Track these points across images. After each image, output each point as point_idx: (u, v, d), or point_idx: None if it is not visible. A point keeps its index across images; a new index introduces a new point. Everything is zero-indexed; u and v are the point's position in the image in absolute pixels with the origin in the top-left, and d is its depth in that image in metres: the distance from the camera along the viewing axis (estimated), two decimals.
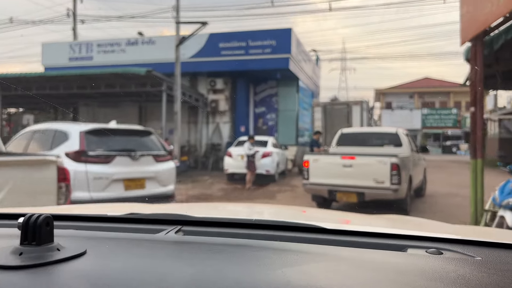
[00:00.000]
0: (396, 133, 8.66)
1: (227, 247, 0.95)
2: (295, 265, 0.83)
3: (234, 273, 0.78)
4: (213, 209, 1.98)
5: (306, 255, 0.91)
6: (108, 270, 0.78)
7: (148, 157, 6.19)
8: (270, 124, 19.78)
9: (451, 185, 12.94)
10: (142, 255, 0.89)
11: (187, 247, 0.97)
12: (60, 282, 0.69)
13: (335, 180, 7.39)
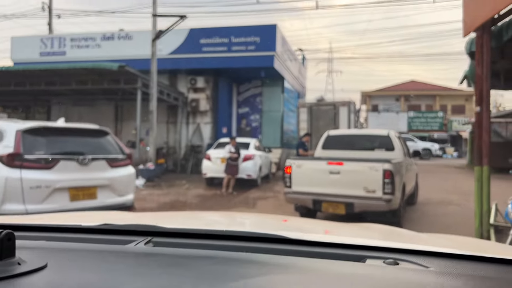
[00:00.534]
0: (388, 135, 7.87)
1: (194, 259, 0.98)
2: (256, 276, 0.87)
3: (196, 285, 0.80)
4: (188, 219, 1.94)
5: (269, 266, 0.94)
6: (67, 284, 0.79)
7: (101, 162, 5.25)
8: (254, 126, 18.93)
9: (443, 191, 12.27)
10: (105, 268, 0.90)
11: (155, 258, 0.99)
12: None
13: (320, 189, 6.53)
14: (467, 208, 9.31)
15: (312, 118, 14.85)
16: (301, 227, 1.84)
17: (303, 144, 10.90)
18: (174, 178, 14.22)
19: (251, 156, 12.15)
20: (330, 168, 6.59)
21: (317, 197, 6.56)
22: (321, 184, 6.57)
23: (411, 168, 8.70)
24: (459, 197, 10.96)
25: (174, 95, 16.27)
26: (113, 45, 17.39)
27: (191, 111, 17.12)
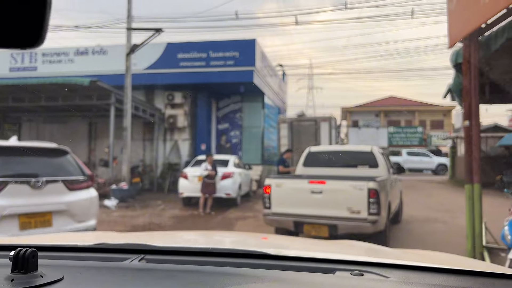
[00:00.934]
0: (371, 151, 7.52)
1: (184, 273, 1.12)
2: (239, 286, 0.98)
3: None
4: (177, 238, 2.19)
5: (250, 278, 1.07)
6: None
7: (57, 184, 4.70)
8: (234, 142, 18.47)
9: (427, 208, 11.99)
10: (110, 281, 1.06)
11: (149, 273, 1.12)
12: None
13: (302, 210, 6.09)
14: (454, 225, 9.02)
15: (293, 134, 14.52)
16: (280, 244, 2.02)
17: (284, 160, 10.47)
18: (149, 198, 13.57)
19: (230, 174, 11.66)
20: (311, 187, 6.17)
21: (298, 219, 6.11)
22: (302, 204, 6.14)
23: (396, 185, 8.36)
24: (444, 214, 10.69)
25: (150, 111, 15.72)
26: (87, 60, 16.81)
27: (168, 127, 16.56)
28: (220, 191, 11.19)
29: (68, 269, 1.09)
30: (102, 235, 1.78)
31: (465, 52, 4.92)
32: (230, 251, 1.45)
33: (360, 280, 1.10)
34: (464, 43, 4.94)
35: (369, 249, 1.89)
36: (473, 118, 4.81)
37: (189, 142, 16.73)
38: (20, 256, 0.95)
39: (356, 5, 62.47)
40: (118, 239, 1.66)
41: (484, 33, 4.93)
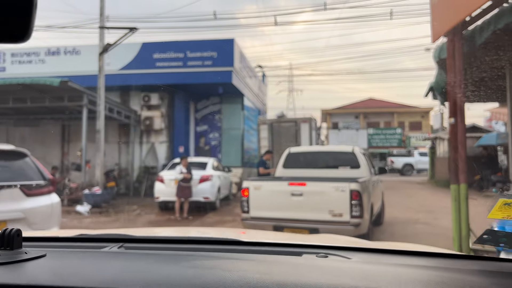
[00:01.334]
0: (353, 152, 7.29)
1: (160, 257, 1.19)
2: (212, 267, 1.07)
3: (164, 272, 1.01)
4: (153, 231, 2.43)
5: (222, 260, 1.16)
6: (64, 267, 1.07)
7: (13, 190, 4.27)
8: (213, 144, 18.07)
9: (408, 209, 11.89)
10: (89, 262, 1.14)
11: (126, 257, 1.23)
12: (26, 273, 0.97)
13: (281, 213, 5.80)
14: (437, 227, 8.89)
15: (273, 135, 14.26)
16: (255, 235, 2.21)
17: (264, 162, 10.17)
18: (125, 203, 13.06)
19: (208, 176, 11.29)
20: (291, 190, 5.88)
21: (278, 223, 5.81)
22: (282, 207, 5.84)
23: (378, 186, 8.17)
24: (425, 215, 10.57)
25: (125, 113, 15.20)
26: (59, 60, 16.16)
27: (144, 129, 16.05)
28: (198, 195, 10.81)
29: (51, 251, 1.16)
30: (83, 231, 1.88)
31: (449, 47, 4.71)
32: (206, 239, 1.52)
33: (324, 261, 1.22)
34: (448, 38, 4.74)
35: (347, 240, 1.97)
36: (458, 115, 4.60)
37: (166, 144, 16.26)
38: (6, 234, 1.04)
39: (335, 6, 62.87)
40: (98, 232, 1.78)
41: (469, 27, 4.74)
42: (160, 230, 3.02)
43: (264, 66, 26.07)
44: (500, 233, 1.18)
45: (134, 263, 1.12)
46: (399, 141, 41.22)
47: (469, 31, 4.69)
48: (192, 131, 17.77)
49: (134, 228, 5.50)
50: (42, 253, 1.09)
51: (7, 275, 0.93)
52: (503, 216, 1.19)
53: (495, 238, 1.17)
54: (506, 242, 1.15)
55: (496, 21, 4.08)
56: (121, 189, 15.76)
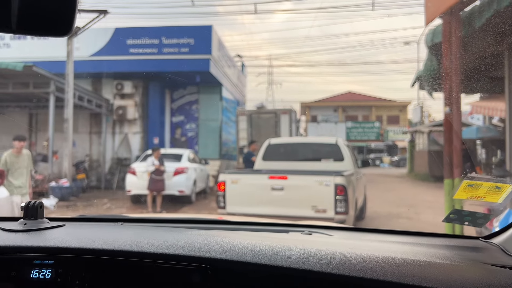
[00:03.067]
0: (336, 143, 6.89)
1: (157, 229, 1.35)
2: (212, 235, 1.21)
3: (170, 237, 1.14)
4: None
5: (214, 232, 1.32)
6: (82, 234, 1.21)
7: None
8: (189, 135, 17.45)
9: (389, 203, 11.66)
10: (104, 230, 1.31)
11: (127, 229, 1.36)
12: (48, 238, 1.11)
13: (261, 209, 5.34)
14: (419, 221, 8.65)
15: (252, 126, 13.80)
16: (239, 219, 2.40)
17: (252, 154, 9.50)
18: (95, 196, 12.39)
19: (183, 169, 10.74)
20: (272, 183, 5.43)
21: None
22: (261, 203, 5.39)
23: (361, 180, 7.82)
24: (406, 209, 10.34)
25: (97, 102, 14.42)
26: (26, 45, 15.18)
27: (117, 119, 15.29)
28: (172, 188, 10.27)
29: (67, 223, 1.33)
30: None
31: (445, 29, 4.32)
32: (198, 219, 1.74)
33: (309, 237, 1.40)
34: (444, 19, 4.35)
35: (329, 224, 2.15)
36: (454, 104, 4.23)
37: (140, 135, 15.57)
38: (30, 206, 1.23)
39: None
40: None
41: (466, 8, 4.35)
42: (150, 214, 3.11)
43: (243, 56, 25.48)
44: (465, 212, 1.32)
45: (142, 232, 1.24)
46: (377, 135, 41.46)
47: (466, 12, 4.31)
48: (168, 121, 17.11)
49: None
50: (62, 224, 1.24)
51: (34, 239, 1.09)
52: (467, 197, 1.29)
53: (460, 217, 1.31)
54: (470, 221, 1.31)
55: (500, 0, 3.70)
56: (92, 181, 15.02)
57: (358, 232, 1.55)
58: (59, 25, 0.81)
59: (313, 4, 62.80)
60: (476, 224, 1.29)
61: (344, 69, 54.11)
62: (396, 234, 1.46)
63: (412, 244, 1.27)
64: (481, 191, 1.24)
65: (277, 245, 1.07)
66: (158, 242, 1.06)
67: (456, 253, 1.16)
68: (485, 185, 1.24)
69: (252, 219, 2.16)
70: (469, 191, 1.26)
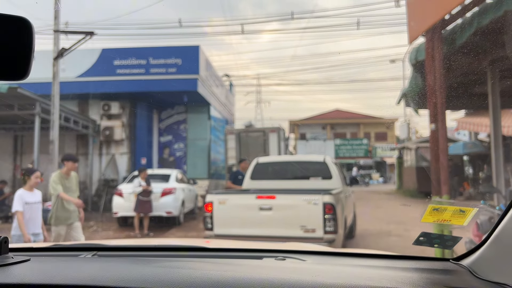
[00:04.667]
0: (324, 161, 6.87)
1: (132, 264, 1.27)
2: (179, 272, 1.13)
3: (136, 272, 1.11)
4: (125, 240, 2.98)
5: (189, 264, 1.28)
6: (47, 269, 1.17)
7: None
8: (178, 155, 17.34)
9: (379, 220, 11.62)
10: (70, 263, 1.25)
11: (99, 263, 1.31)
12: (12, 274, 1.06)
13: (249, 230, 5.25)
14: (410, 239, 8.55)
15: (240, 145, 13.75)
16: (220, 244, 2.49)
17: (241, 173, 8.91)
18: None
19: (171, 190, 10.60)
20: (260, 203, 5.36)
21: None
22: (249, 224, 5.30)
23: (350, 198, 7.79)
24: (397, 226, 10.31)
25: (83, 123, 14.27)
26: None
27: (104, 140, 15.13)
28: (160, 209, 10.11)
29: (33, 257, 1.25)
30: None
31: (428, 47, 4.37)
32: (173, 246, 1.74)
33: (282, 263, 1.39)
34: (427, 37, 4.40)
35: (304, 246, 2.13)
36: (439, 120, 4.24)
37: (127, 156, 15.40)
38: None
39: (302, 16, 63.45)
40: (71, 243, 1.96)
41: (447, 26, 4.42)
42: (128, 241, 3.22)
43: (231, 76, 25.62)
44: (434, 235, 1.30)
45: (108, 266, 1.21)
46: (366, 152, 41.70)
47: (448, 30, 4.37)
48: (156, 141, 16.99)
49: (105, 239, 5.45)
50: (27, 258, 1.19)
51: None
52: (433, 220, 1.29)
53: (429, 240, 1.30)
54: (439, 243, 1.29)
55: (480, 17, 3.75)
56: None
57: (333, 257, 1.54)
58: (16, 70, 0.85)
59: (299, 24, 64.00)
60: (446, 247, 1.28)
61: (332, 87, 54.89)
62: (369, 258, 1.46)
63: (383, 268, 1.28)
64: (446, 215, 1.26)
65: (241, 275, 1.07)
66: (121, 275, 1.06)
67: (424, 277, 1.17)
68: (449, 209, 1.26)
69: (233, 244, 2.15)
70: (435, 214, 1.27)
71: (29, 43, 0.85)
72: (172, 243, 2.20)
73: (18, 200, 4.77)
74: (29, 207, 4.82)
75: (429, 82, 4.36)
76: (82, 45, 11.85)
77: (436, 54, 4.33)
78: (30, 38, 0.85)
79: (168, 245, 1.77)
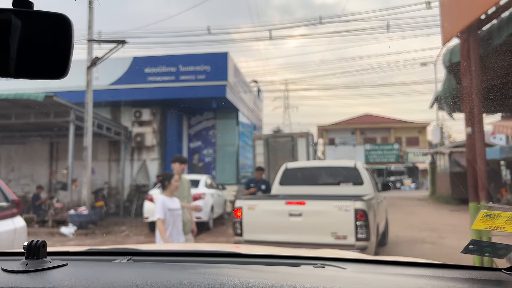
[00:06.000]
0: (355, 167, 6.75)
1: (167, 270, 1.25)
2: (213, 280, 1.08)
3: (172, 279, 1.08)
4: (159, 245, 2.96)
5: (224, 272, 1.23)
6: (84, 274, 1.17)
7: None
8: (207, 161, 17.50)
9: (412, 227, 11.30)
10: (107, 269, 1.27)
11: (134, 269, 1.31)
12: (52, 279, 1.05)
13: (278, 236, 5.20)
14: (444, 246, 8.32)
15: (269, 150, 13.70)
16: (252, 249, 2.35)
17: (255, 181, 8.93)
18: (113, 223, 12.39)
19: (200, 195, 10.68)
20: (289, 209, 5.31)
21: None
22: (279, 230, 5.25)
23: (382, 204, 7.61)
24: (430, 233, 10.01)
25: (115, 129, 14.63)
26: None
27: (135, 146, 15.47)
28: None
29: (71, 261, 1.25)
30: None
31: (462, 48, 4.23)
32: (208, 252, 1.69)
33: (321, 271, 1.31)
34: (461, 38, 4.26)
35: (344, 253, 2.05)
36: (476, 124, 4.09)
37: (158, 161, 15.67)
38: (33, 245, 1.16)
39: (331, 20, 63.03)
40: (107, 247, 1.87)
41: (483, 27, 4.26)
42: (162, 245, 3.20)
43: (259, 82, 25.69)
44: (484, 243, 1.22)
45: (144, 271, 1.20)
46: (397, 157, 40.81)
47: (484, 31, 4.22)
48: (185, 147, 17.21)
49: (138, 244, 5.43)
50: (64, 263, 1.19)
51: (35, 280, 1.05)
52: (485, 227, 1.22)
53: (480, 248, 1.21)
54: (490, 252, 1.20)
55: None
56: (111, 208, 15.10)
57: (374, 265, 1.46)
58: (55, 69, 0.85)
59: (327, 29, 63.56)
60: (497, 256, 1.20)
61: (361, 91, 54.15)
62: (413, 266, 1.39)
63: (429, 278, 1.22)
64: (500, 221, 1.17)
65: (281, 283, 1.04)
66: (159, 282, 1.04)
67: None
68: (504, 215, 1.17)
69: (267, 250, 2.10)
70: (487, 221, 1.19)
71: (68, 40, 0.83)
72: (204, 248, 2.16)
73: (161, 207, 4.39)
74: (171, 214, 4.44)
75: (464, 84, 4.21)
76: (114, 54, 12.20)
77: (472, 55, 4.18)
78: (69, 36, 0.83)
79: (202, 251, 1.74)
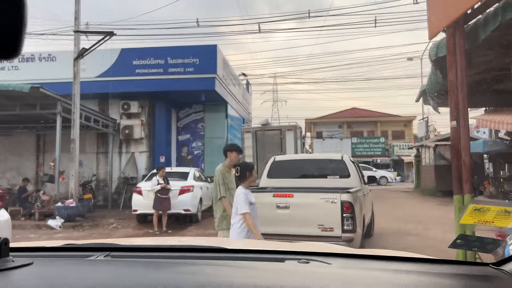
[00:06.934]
0: (342, 160, 6.83)
1: (145, 265, 1.20)
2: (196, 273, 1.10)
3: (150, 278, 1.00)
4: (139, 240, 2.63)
5: (206, 268, 1.20)
6: (50, 274, 1.10)
7: None
8: (196, 153, 17.47)
9: (397, 219, 11.47)
10: (77, 267, 1.18)
11: (112, 265, 1.24)
12: (13, 281, 0.98)
13: (265, 228, 5.23)
14: (429, 238, 8.48)
15: (257, 143, 13.73)
16: (238, 243, 2.47)
17: None
18: (101, 216, 12.33)
19: (189, 187, 10.69)
20: (277, 201, 5.36)
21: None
22: (266, 222, 5.29)
23: (368, 196, 7.72)
24: (415, 225, 10.18)
25: (103, 122, 14.50)
26: (34, 67, 15.39)
27: (124, 139, 15.36)
28: (178, 207, 10.21)
29: (38, 259, 1.17)
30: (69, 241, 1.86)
31: (449, 42, 4.30)
32: (190, 247, 1.56)
33: (306, 267, 1.26)
34: (448, 32, 4.33)
35: (329, 247, 2.00)
36: (461, 117, 4.17)
37: (146, 154, 15.60)
38: None
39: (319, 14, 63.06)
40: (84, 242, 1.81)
41: (470, 21, 4.33)
42: (144, 239, 3.11)
43: (248, 75, 25.63)
44: (472, 237, 1.22)
45: (120, 269, 1.14)
46: (383, 150, 41.25)
47: (470, 25, 4.29)
48: (174, 140, 17.16)
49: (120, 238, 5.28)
50: (29, 261, 1.11)
51: None
52: (474, 221, 1.23)
53: (468, 243, 1.22)
54: (478, 246, 1.21)
55: (504, 11, 3.67)
56: (99, 201, 15.02)
57: (359, 260, 1.42)
58: (6, 48, 0.78)
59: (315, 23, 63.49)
60: (485, 250, 1.21)
61: (348, 85, 54.49)
62: (399, 261, 1.36)
63: (417, 273, 1.19)
64: (489, 216, 1.17)
65: (263, 282, 1.01)
66: (133, 281, 0.98)
67: (464, 283, 1.09)
68: (493, 210, 1.17)
69: (251, 244, 2.05)
70: (476, 215, 1.19)
71: (20, 18, 0.76)
72: (188, 242, 2.10)
73: (246, 200, 4.07)
74: (252, 207, 4.17)
75: (450, 78, 4.29)
76: (101, 45, 12.07)
77: (458, 50, 4.25)
78: (21, 13, 0.76)
79: (185, 246, 1.62)
